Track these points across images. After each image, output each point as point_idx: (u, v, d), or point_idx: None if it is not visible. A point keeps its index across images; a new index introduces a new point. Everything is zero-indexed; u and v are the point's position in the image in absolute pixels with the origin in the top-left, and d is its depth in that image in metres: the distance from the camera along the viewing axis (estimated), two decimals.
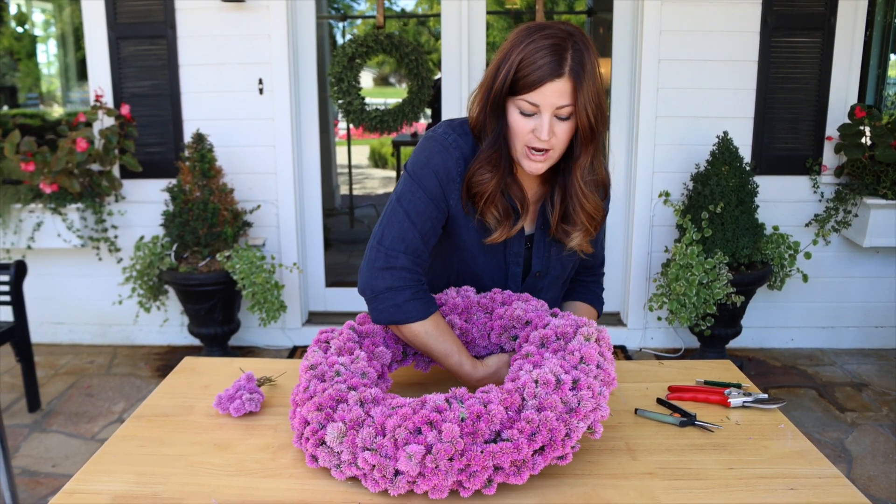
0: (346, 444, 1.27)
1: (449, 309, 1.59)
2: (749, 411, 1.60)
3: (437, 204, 1.55)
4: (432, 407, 1.27)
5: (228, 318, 4.02)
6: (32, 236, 4.03)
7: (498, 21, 6.45)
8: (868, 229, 3.94)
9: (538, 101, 1.42)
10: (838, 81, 4.05)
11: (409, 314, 1.51)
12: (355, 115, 4.26)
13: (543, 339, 1.44)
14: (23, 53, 5.65)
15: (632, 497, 1.28)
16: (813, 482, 1.33)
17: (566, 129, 1.46)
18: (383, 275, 1.52)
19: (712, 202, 3.75)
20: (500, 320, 1.56)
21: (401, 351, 1.61)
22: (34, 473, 3.11)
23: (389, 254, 1.53)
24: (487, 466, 1.23)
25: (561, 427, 1.26)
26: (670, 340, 4.38)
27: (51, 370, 4.13)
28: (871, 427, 3.47)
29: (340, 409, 1.31)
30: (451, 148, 1.55)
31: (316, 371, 1.41)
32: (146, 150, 4.15)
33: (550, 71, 1.39)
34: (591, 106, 1.42)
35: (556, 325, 1.46)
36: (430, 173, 1.54)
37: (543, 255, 1.67)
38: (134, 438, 1.47)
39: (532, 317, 1.53)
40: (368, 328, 1.57)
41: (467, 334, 1.59)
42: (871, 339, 4.40)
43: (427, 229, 1.55)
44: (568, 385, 1.30)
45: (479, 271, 1.66)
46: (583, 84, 1.40)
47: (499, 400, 1.28)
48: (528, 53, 1.41)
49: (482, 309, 1.60)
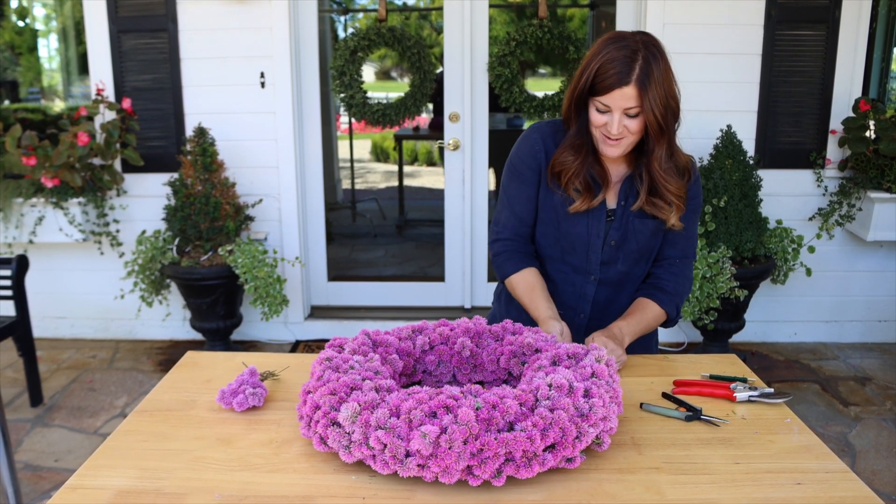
0: (358, 424, 1.26)
1: (461, 332, 1.66)
2: (755, 405, 1.59)
3: (526, 183, 1.90)
4: (448, 395, 1.29)
5: (230, 312, 4.01)
6: (34, 231, 4.03)
7: (500, 14, 6.42)
8: (872, 223, 3.93)
9: (609, 104, 1.68)
10: (842, 75, 4.03)
11: (504, 270, 1.95)
12: (357, 109, 4.25)
13: (555, 357, 1.48)
14: (24, 48, 5.63)
15: (638, 491, 1.28)
16: (820, 477, 1.32)
17: (636, 124, 1.69)
18: (493, 246, 2.00)
19: (716, 196, 3.74)
20: (510, 346, 1.60)
21: (411, 365, 1.63)
22: (37, 468, 3.11)
23: (496, 230, 1.99)
24: (500, 454, 1.23)
25: (572, 428, 1.27)
26: (673, 334, 4.37)
27: (53, 365, 4.12)
28: (875, 421, 3.46)
29: (354, 394, 1.31)
30: (532, 135, 1.90)
31: (331, 363, 1.42)
32: (148, 144, 4.14)
33: (619, 80, 1.64)
34: (657, 108, 1.66)
35: (568, 348, 1.51)
36: (518, 160, 1.92)
37: (621, 228, 1.88)
38: (137, 433, 1.47)
39: (542, 345, 1.57)
40: (383, 338, 1.60)
41: (477, 357, 1.63)
42: (874, 333, 4.39)
43: (522, 208, 1.93)
44: (580, 392, 1.33)
45: (558, 236, 1.92)
46: (648, 90, 1.64)
47: (513, 396, 1.30)
48: (604, 63, 1.67)
49: (492, 336, 1.66)
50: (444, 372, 1.65)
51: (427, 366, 1.64)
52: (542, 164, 1.88)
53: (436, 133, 5.70)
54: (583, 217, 1.87)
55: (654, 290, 1.94)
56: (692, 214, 1.92)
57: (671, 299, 1.93)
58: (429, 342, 1.64)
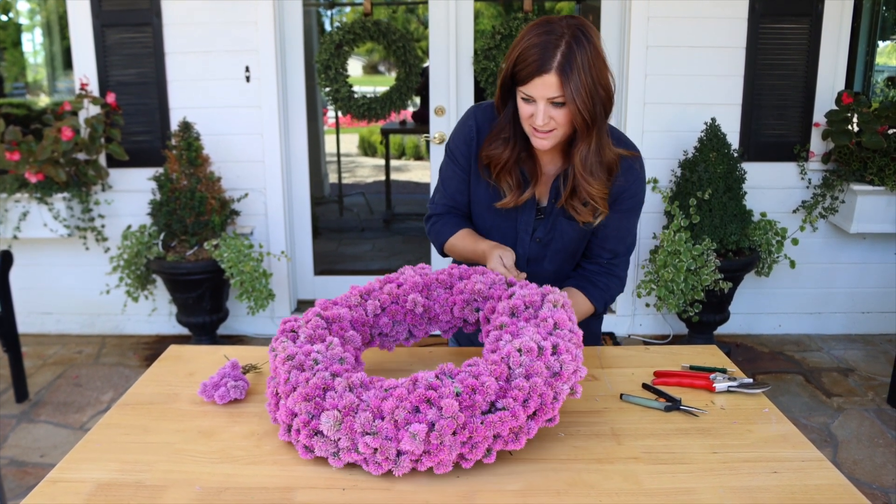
0: (343, 431, 1.26)
1: (409, 288, 1.62)
2: (734, 396, 1.61)
3: (460, 168, 1.86)
4: (426, 385, 1.28)
5: (217, 306, 4.01)
6: (18, 226, 4.01)
7: (488, 9, 6.42)
8: (855, 215, 3.96)
9: (531, 94, 1.58)
10: (826, 68, 4.05)
11: (441, 236, 1.91)
12: (343, 103, 4.25)
13: (514, 309, 1.47)
14: (8, 42, 5.59)
15: (616, 481, 1.29)
16: (796, 465, 1.34)
17: (563, 114, 1.60)
18: (427, 222, 1.97)
19: (700, 189, 3.76)
20: (461, 295, 1.60)
21: (367, 333, 1.61)
22: (22, 464, 3.10)
23: (429, 207, 1.97)
24: (488, 436, 1.25)
25: (549, 391, 1.30)
26: (659, 327, 4.39)
27: (39, 360, 4.11)
28: (857, 412, 3.49)
29: (329, 396, 1.30)
30: (468, 121, 1.83)
31: (293, 362, 1.38)
32: (132, 138, 4.12)
33: (538, 67, 1.54)
34: (581, 98, 1.54)
35: (523, 294, 1.49)
36: (453, 144, 1.86)
37: (548, 226, 1.82)
38: (118, 427, 1.47)
39: (492, 292, 1.57)
40: (334, 313, 1.56)
41: (430, 311, 1.62)
42: (857, 324, 4.43)
43: (455, 190, 1.89)
44: (549, 351, 1.33)
45: (487, 228, 1.89)
46: (570, 78, 1.53)
47: (488, 372, 1.30)
48: (524, 50, 1.57)
49: (441, 285, 1.64)
50: (399, 331, 1.64)
51: (382, 328, 1.62)
52: (473, 152, 1.83)
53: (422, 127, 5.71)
54: (512, 211, 1.81)
55: (585, 283, 1.87)
56: (628, 214, 1.81)
57: (601, 294, 1.87)
58: (380, 305, 1.61)
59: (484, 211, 1.85)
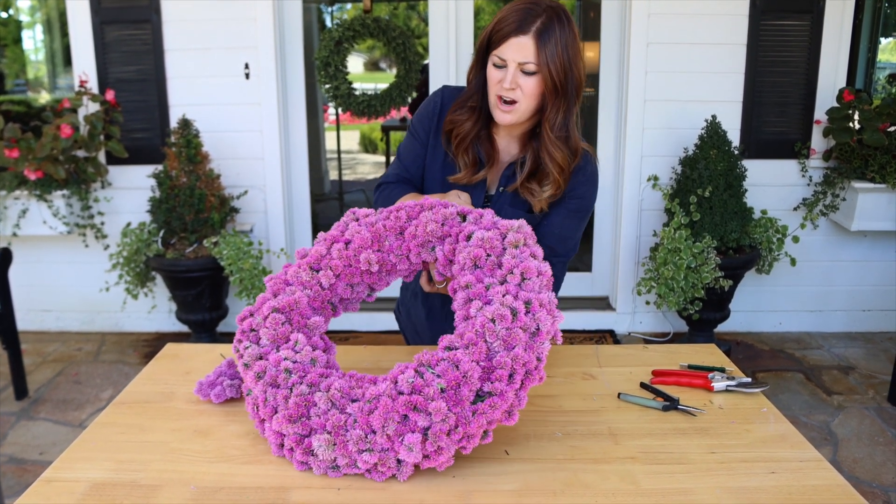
0: (338, 451, 1.26)
1: (359, 246, 1.50)
2: (732, 395, 1.60)
3: (418, 141, 1.85)
4: (408, 387, 1.24)
5: (216, 304, 4.00)
6: (18, 223, 4.00)
7: (488, 5, 6.41)
8: (856, 213, 3.95)
9: (504, 56, 1.60)
10: (827, 65, 4.04)
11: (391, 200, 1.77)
12: (342, 100, 4.24)
13: (475, 259, 1.40)
14: (9, 39, 5.59)
15: (613, 481, 1.28)
16: (794, 465, 1.33)
17: (531, 84, 1.61)
18: (376, 191, 1.89)
19: (700, 186, 3.74)
20: (414, 239, 1.50)
21: (328, 305, 1.54)
22: (21, 461, 3.10)
23: (381, 179, 1.90)
24: (483, 424, 1.24)
25: (531, 356, 1.27)
26: (659, 324, 4.38)
27: (38, 357, 4.11)
28: (857, 410, 3.48)
29: (314, 414, 1.28)
30: (435, 98, 1.84)
31: (266, 378, 1.35)
32: (132, 135, 4.12)
33: (516, 28, 1.58)
34: (555, 66, 1.58)
35: (482, 237, 1.40)
36: (417, 119, 1.86)
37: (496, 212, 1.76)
38: (114, 425, 1.46)
39: (447, 230, 1.48)
40: (290, 300, 1.45)
41: (386, 264, 1.53)
42: (858, 322, 4.42)
43: (410, 163, 1.87)
44: (523, 311, 1.29)
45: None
46: (546, 45, 1.57)
47: (468, 357, 1.26)
48: (505, 13, 1.62)
49: (392, 232, 1.52)
50: (359, 291, 1.57)
51: (341, 295, 1.55)
52: (432, 129, 1.83)
53: None
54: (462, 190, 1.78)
55: None
56: (573, 214, 1.77)
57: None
58: (333, 274, 1.51)
59: (437, 186, 1.84)
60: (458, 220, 1.50)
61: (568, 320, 4.34)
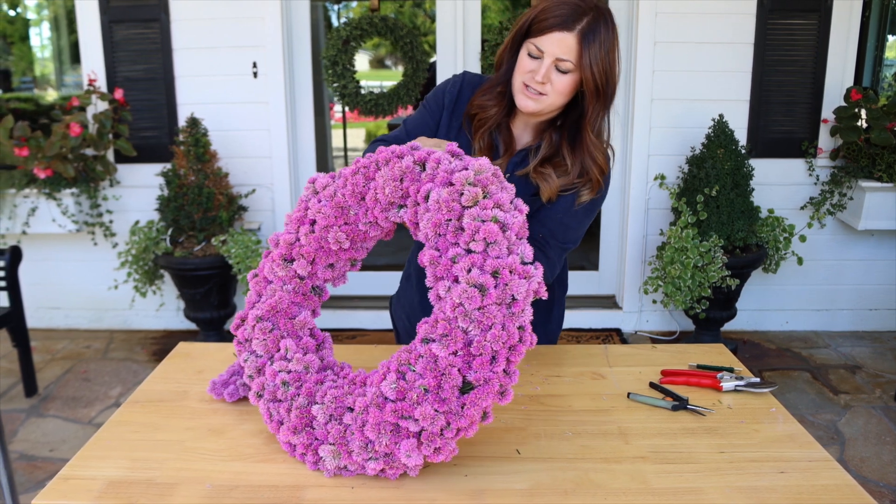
0: (344, 460, 1.28)
1: (325, 224, 1.43)
2: (741, 395, 1.61)
3: (428, 114, 1.78)
4: (392, 393, 1.24)
5: (224, 302, 4.02)
6: (27, 222, 4.03)
7: (495, 3, 6.41)
8: (863, 212, 3.94)
9: (543, 48, 1.55)
10: (835, 64, 4.04)
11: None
12: (350, 99, 4.25)
13: (436, 226, 1.29)
14: (16, 37, 5.61)
15: (623, 481, 1.29)
16: (803, 465, 1.34)
17: (563, 82, 1.57)
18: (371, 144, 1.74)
19: (707, 185, 3.75)
20: (377, 205, 1.40)
21: (312, 292, 1.51)
22: (31, 458, 3.12)
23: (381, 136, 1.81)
24: (474, 415, 1.22)
25: (512, 328, 1.20)
26: (666, 323, 4.39)
27: (47, 355, 4.13)
28: (864, 409, 3.49)
29: (316, 425, 1.31)
30: (454, 78, 1.79)
31: (266, 395, 1.39)
32: (140, 134, 4.13)
33: (561, 22, 1.53)
34: (598, 69, 1.54)
35: (437, 200, 1.28)
36: (431, 95, 1.80)
37: None
38: (128, 424, 1.48)
39: (406, 186, 1.36)
40: (272, 303, 1.44)
41: (357, 235, 1.45)
42: (865, 321, 4.42)
43: (413, 125, 1.79)
44: (492, 285, 1.20)
45: None
46: (591, 47, 1.53)
47: (445, 351, 1.21)
48: (549, 4, 1.56)
49: (355, 199, 1.42)
50: (340, 267, 1.52)
51: (322, 277, 1.51)
52: (446, 106, 1.77)
53: None
54: None
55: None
56: (581, 206, 1.70)
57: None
58: (308, 262, 1.46)
59: None
60: (417, 172, 1.36)
61: (575, 319, 4.35)
